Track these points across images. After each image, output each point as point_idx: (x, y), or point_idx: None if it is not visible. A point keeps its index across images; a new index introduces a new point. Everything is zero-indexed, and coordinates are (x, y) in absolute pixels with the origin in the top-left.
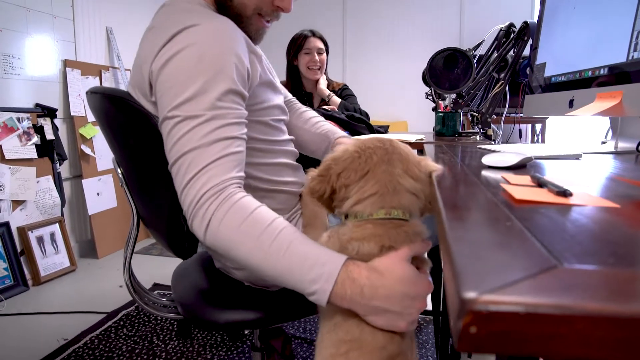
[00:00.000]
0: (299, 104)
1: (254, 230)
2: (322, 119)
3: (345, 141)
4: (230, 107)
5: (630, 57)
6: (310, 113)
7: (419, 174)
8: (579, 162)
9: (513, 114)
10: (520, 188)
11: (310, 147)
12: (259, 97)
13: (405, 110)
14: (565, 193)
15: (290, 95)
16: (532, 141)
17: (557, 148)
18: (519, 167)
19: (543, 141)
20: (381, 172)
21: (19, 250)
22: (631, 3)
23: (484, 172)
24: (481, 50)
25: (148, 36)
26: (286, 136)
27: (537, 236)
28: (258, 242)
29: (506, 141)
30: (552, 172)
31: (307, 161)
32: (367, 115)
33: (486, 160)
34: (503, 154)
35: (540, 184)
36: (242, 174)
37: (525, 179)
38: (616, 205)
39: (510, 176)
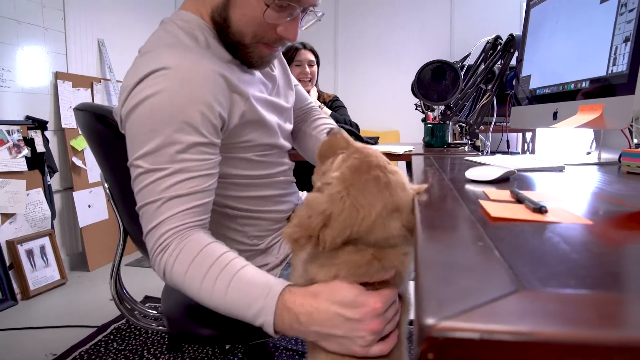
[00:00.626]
0: (315, 112)
1: (200, 272)
2: (333, 123)
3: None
4: (195, 160)
5: (609, 71)
6: (322, 120)
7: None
8: (562, 175)
9: (501, 123)
10: (498, 204)
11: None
12: (240, 135)
13: (397, 119)
14: (541, 210)
15: (310, 101)
16: (523, 150)
17: (541, 160)
18: (502, 181)
19: (534, 149)
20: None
21: (7, 264)
22: (609, 19)
23: (467, 186)
24: (470, 60)
25: (135, 62)
26: (276, 169)
27: (505, 257)
28: (204, 283)
29: (496, 150)
30: (534, 185)
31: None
32: (357, 127)
33: (469, 174)
34: (487, 167)
35: (519, 199)
36: (203, 220)
37: (505, 193)
38: (589, 221)
39: (491, 191)
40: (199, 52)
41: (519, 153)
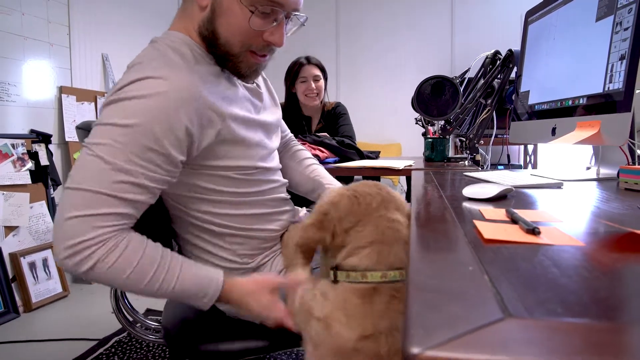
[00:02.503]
0: (294, 143)
1: (143, 277)
2: (315, 161)
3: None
4: (144, 167)
5: (606, 88)
6: (304, 154)
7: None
8: (560, 191)
9: (502, 136)
10: (492, 225)
11: (301, 188)
12: (217, 154)
13: (398, 132)
14: (534, 231)
15: (287, 132)
16: (525, 162)
17: (540, 176)
18: (500, 198)
19: (535, 162)
20: (379, 218)
21: (10, 276)
22: (605, 37)
23: (465, 204)
24: (470, 74)
25: (122, 75)
26: (263, 187)
27: (494, 283)
28: (148, 285)
29: (497, 162)
30: (531, 203)
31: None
32: (352, 139)
33: (467, 191)
34: (484, 185)
35: (514, 219)
36: (133, 220)
37: (501, 212)
38: (582, 243)
39: (487, 209)
40: (182, 67)
41: (520, 166)
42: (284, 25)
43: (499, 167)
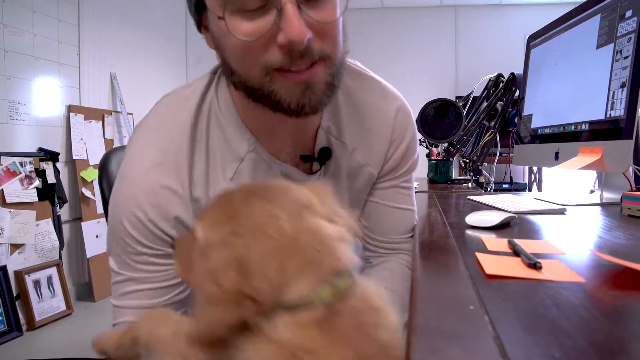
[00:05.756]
0: None
1: None
2: None
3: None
4: (149, 270)
5: (608, 115)
6: None
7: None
8: (563, 218)
9: (505, 154)
10: (494, 258)
11: None
12: None
13: None
14: (535, 265)
15: None
16: (530, 181)
17: (544, 201)
18: (503, 226)
19: (540, 180)
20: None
21: (15, 294)
22: (606, 64)
23: (467, 232)
24: (475, 93)
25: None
26: None
27: (494, 324)
28: None
29: (501, 181)
30: (534, 232)
31: None
32: None
33: (470, 219)
34: (487, 212)
35: (516, 251)
36: None
37: (503, 243)
38: (582, 279)
39: (490, 239)
40: (171, 156)
41: (525, 184)
42: (295, 10)
43: (504, 185)
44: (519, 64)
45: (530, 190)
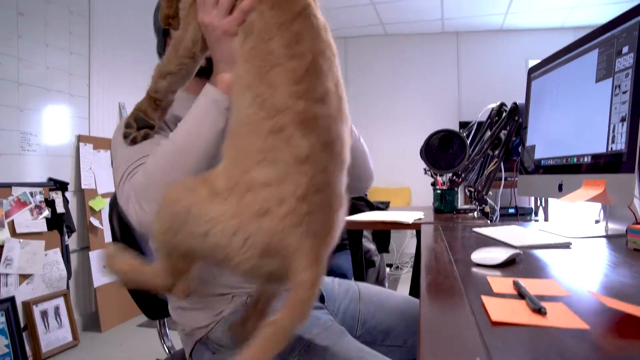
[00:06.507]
0: None
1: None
2: None
3: None
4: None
5: (609, 148)
6: None
7: None
8: (569, 252)
9: (510, 179)
10: (499, 303)
11: None
12: None
13: (407, 176)
14: (540, 311)
15: None
16: (536, 205)
17: (549, 233)
18: (508, 263)
19: (547, 208)
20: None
21: (22, 325)
22: (605, 98)
23: (473, 270)
24: (480, 118)
25: None
26: None
27: None
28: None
29: (507, 206)
30: (539, 269)
31: None
32: None
33: (475, 257)
34: (492, 249)
35: (521, 294)
36: None
37: (509, 283)
38: (587, 326)
39: (495, 280)
40: None
41: (531, 209)
42: None
43: (510, 210)
44: (521, 89)
45: (536, 214)
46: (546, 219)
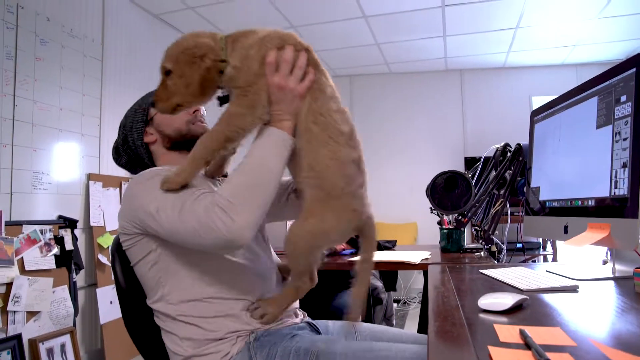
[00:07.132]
0: None
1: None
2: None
3: None
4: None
5: (612, 193)
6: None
7: None
8: (576, 296)
9: (517, 214)
10: (506, 353)
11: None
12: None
13: (414, 211)
14: None
15: None
16: (544, 239)
17: (556, 275)
18: (515, 309)
19: (555, 248)
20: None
21: None
22: (606, 143)
23: (480, 316)
24: (488, 152)
25: None
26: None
27: None
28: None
29: (515, 240)
30: (546, 316)
31: None
32: None
33: (482, 303)
34: (499, 295)
35: (527, 344)
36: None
37: (515, 332)
38: None
39: (502, 328)
40: None
41: (539, 244)
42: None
43: (518, 244)
44: (525, 125)
45: (544, 249)
46: (554, 259)
